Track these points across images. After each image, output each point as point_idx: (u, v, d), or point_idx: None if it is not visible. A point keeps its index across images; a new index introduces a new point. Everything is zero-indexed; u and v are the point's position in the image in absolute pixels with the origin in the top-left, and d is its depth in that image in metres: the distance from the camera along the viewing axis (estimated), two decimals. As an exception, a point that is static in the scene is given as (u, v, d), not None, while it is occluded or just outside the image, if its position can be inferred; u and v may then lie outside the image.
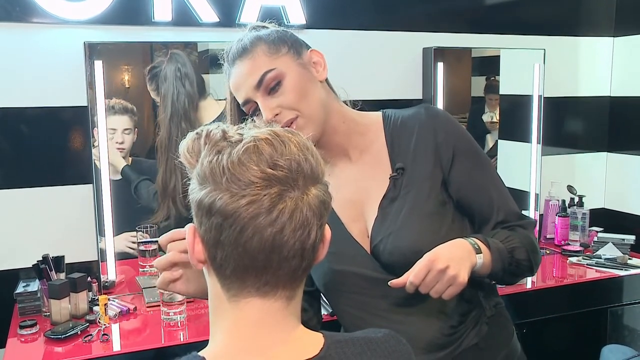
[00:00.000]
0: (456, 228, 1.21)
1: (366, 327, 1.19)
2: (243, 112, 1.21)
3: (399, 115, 1.25)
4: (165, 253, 0.99)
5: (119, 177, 2.25)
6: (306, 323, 1.29)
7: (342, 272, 1.22)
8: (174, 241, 0.97)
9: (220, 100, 2.34)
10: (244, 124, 0.79)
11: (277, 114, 1.14)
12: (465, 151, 1.21)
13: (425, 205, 1.18)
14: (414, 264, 1.08)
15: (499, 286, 1.33)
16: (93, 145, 2.17)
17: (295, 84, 1.15)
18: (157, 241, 0.96)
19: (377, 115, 1.27)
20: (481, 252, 1.12)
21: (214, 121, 2.30)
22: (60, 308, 1.91)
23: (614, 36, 3.00)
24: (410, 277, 1.07)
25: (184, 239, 0.92)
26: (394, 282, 1.09)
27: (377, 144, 1.24)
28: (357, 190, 1.23)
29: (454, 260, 1.07)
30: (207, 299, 1.02)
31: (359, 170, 1.24)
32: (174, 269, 0.98)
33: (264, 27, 1.21)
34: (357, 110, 1.28)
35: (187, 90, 2.29)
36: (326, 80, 1.23)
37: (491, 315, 1.24)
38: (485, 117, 2.85)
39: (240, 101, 1.18)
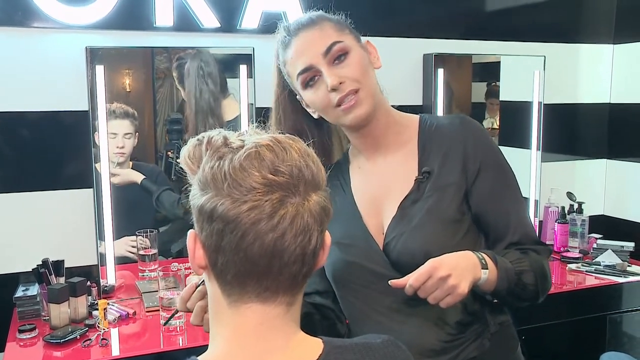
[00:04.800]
0: (469, 239, 1.20)
1: (368, 321, 1.21)
2: (290, 93, 1.23)
3: (434, 121, 1.26)
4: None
5: (118, 181, 2.25)
6: (334, 323, 1.29)
7: (351, 263, 1.23)
8: (187, 301, 1.05)
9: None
10: (244, 130, 0.79)
11: (341, 83, 1.15)
12: (491, 166, 1.21)
13: (444, 212, 1.18)
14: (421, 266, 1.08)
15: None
16: (95, 153, 2.18)
17: (359, 61, 1.18)
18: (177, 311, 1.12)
19: (415, 118, 1.28)
20: (487, 268, 1.11)
21: (231, 121, 2.33)
22: (59, 312, 1.91)
23: (613, 43, 3.01)
24: (410, 280, 1.07)
25: (194, 291, 1.04)
26: (394, 282, 1.09)
27: (410, 145, 1.25)
28: (380, 187, 1.24)
29: (457, 270, 1.06)
30: None
31: (386, 167, 1.25)
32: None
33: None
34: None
35: (210, 89, 2.31)
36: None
37: (495, 332, 1.23)
38: (486, 123, 2.86)
39: (301, 68, 1.17)
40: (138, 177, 2.26)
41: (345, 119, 1.18)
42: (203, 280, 1.00)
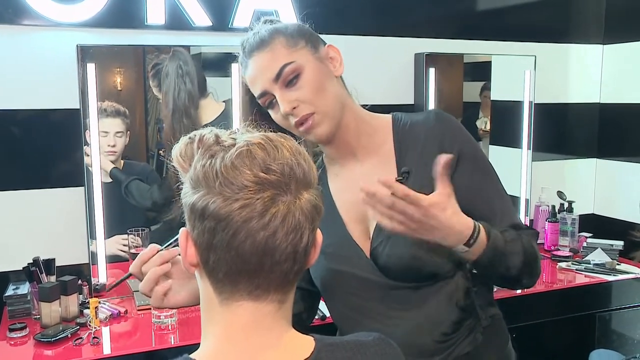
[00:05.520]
0: None
1: (360, 329, 1.19)
2: (254, 104, 1.21)
3: (408, 119, 1.25)
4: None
5: (110, 180, 2.25)
6: (297, 316, 1.30)
7: (339, 271, 1.22)
8: (144, 263, 0.98)
9: (219, 101, 2.35)
10: (236, 128, 0.79)
11: (294, 107, 1.14)
12: (470, 158, 1.21)
13: None
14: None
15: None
16: (85, 153, 2.17)
17: (313, 78, 1.14)
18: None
19: (388, 118, 1.27)
20: (470, 247, 1.06)
21: (214, 121, 2.32)
22: (50, 311, 1.90)
23: (603, 44, 3.03)
24: (399, 190, 1.01)
25: (153, 255, 0.97)
26: (365, 186, 1.03)
27: (386, 146, 1.24)
28: (361, 192, 1.23)
29: (443, 226, 1.02)
30: (199, 305, 1.03)
31: (365, 171, 1.24)
32: (159, 282, 0.98)
33: (277, 21, 1.21)
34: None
35: (187, 88, 2.30)
36: (340, 77, 1.24)
37: (486, 326, 1.23)
38: (479, 123, 2.86)
39: (257, 93, 1.17)
40: (108, 166, 2.25)
41: (308, 137, 1.18)
42: (167, 246, 0.98)
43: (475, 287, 1.22)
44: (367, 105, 1.29)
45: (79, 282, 2.06)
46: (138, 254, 2.33)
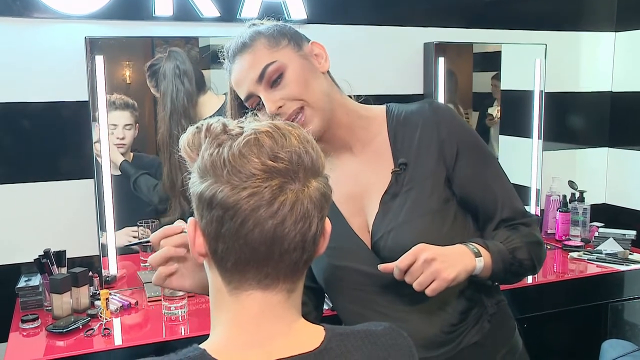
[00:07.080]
0: (459, 226, 1.20)
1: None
2: (243, 109, 1.20)
3: (402, 109, 1.24)
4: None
5: (119, 172, 2.26)
6: (304, 317, 1.30)
7: (342, 267, 1.22)
8: (166, 237, 0.97)
9: (219, 94, 2.34)
10: (244, 117, 0.79)
11: (280, 107, 1.13)
12: (469, 147, 1.20)
13: (428, 203, 1.17)
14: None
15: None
16: (96, 145, 2.17)
17: (297, 75, 1.14)
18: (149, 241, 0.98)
19: (381, 109, 1.26)
20: (481, 256, 1.12)
21: (213, 115, 2.30)
22: (61, 302, 1.91)
23: (615, 31, 2.99)
24: (397, 262, 1.07)
25: (177, 234, 0.95)
26: (383, 266, 1.10)
27: (380, 138, 1.23)
28: (358, 184, 1.22)
29: (443, 256, 1.07)
30: (203, 294, 1.03)
31: (360, 164, 1.23)
32: (169, 263, 0.97)
33: (262, 24, 1.20)
34: (360, 103, 1.27)
35: (186, 88, 2.29)
36: (328, 73, 1.22)
37: (493, 313, 1.23)
38: (492, 111, 2.84)
39: (243, 96, 1.17)
40: (118, 159, 2.25)
41: None
42: None
43: None
44: (361, 97, 1.28)
45: (90, 273, 2.07)
46: (148, 245, 2.34)
